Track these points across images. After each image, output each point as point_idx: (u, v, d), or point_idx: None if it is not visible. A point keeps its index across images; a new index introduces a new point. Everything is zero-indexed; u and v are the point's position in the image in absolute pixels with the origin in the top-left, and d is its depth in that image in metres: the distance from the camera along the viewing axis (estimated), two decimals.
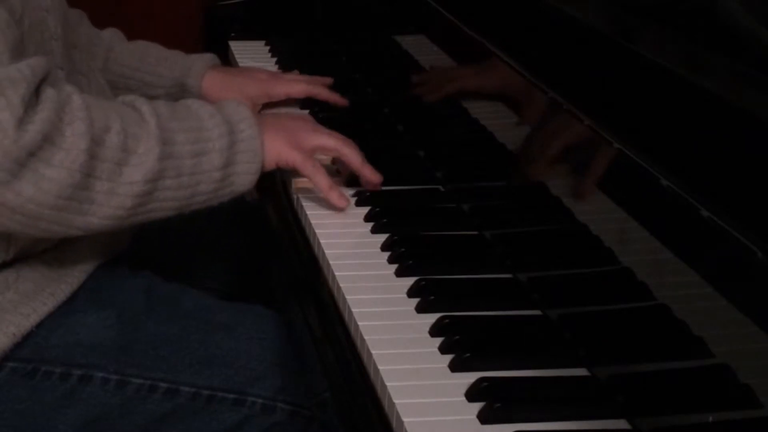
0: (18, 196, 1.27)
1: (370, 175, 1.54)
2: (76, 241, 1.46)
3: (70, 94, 1.32)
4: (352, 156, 1.54)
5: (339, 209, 1.50)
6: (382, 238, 1.43)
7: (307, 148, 1.52)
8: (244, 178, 1.45)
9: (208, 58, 1.85)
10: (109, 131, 1.33)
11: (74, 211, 1.32)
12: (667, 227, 1.05)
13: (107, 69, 1.80)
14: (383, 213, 1.48)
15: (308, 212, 1.50)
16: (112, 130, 1.34)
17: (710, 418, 0.98)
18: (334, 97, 1.85)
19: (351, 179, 1.57)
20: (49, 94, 1.30)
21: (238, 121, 1.46)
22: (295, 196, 1.56)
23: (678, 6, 1.24)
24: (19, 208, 1.29)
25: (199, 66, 1.81)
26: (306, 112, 1.83)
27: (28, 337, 1.42)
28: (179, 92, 1.81)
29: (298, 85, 1.86)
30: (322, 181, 1.51)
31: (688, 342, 1.01)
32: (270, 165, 1.49)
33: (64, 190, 1.29)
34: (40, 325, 1.43)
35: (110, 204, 1.34)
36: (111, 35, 1.84)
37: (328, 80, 1.89)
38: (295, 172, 1.54)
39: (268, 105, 1.86)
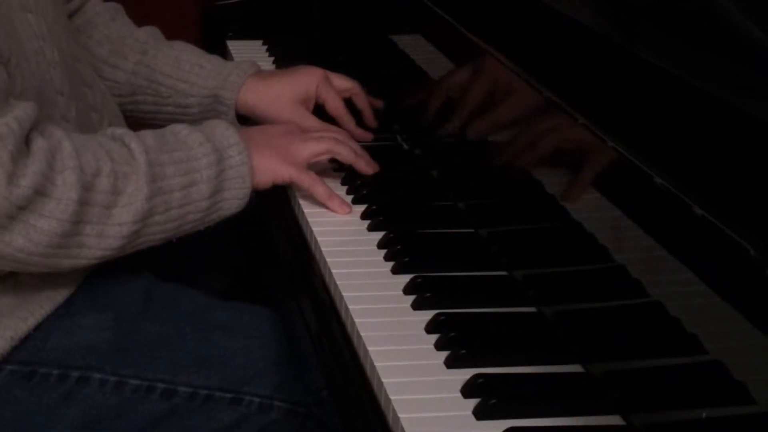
0: (7, 246, 1.28)
1: (365, 167, 1.55)
2: None
3: (60, 140, 1.32)
4: (345, 152, 1.54)
5: (342, 214, 1.51)
6: (379, 235, 1.43)
7: (301, 161, 1.52)
8: (231, 203, 1.45)
9: (247, 66, 1.74)
10: (99, 175, 1.33)
11: (63, 256, 1.33)
12: (661, 225, 1.06)
13: (137, 72, 1.73)
14: (379, 211, 1.49)
15: (305, 210, 1.51)
16: (102, 173, 1.33)
17: (704, 415, 0.99)
18: (356, 133, 1.70)
19: (347, 177, 1.58)
20: (39, 144, 1.29)
21: (227, 147, 1.45)
22: (292, 195, 1.56)
23: (672, 6, 1.24)
24: (8, 256, 1.30)
25: (236, 76, 1.71)
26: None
27: (26, 340, 1.42)
28: (213, 103, 1.72)
29: (335, 102, 1.71)
30: (321, 191, 1.51)
31: (681, 339, 1.01)
32: (265, 185, 1.50)
33: (54, 239, 1.30)
34: (37, 328, 1.43)
35: (99, 246, 1.35)
36: (147, 35, 1.77)
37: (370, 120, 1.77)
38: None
39: None
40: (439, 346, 1.20)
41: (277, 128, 1.59)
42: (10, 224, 1.27)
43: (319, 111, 1.76)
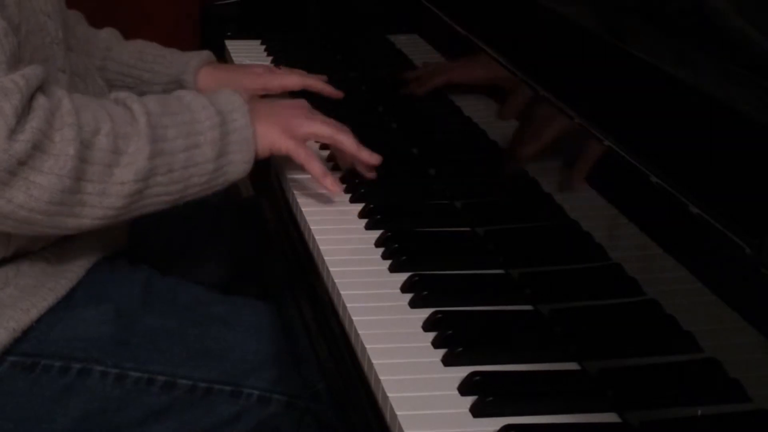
0: (9, 203, 1.29)
1: (368, 158, 1.54)
2: (74, 237, 1.47)
3: (60, 99, 1.33)
4: (348, 142, 1.54)
5: (333, 193, 1.52)
6: (376, 234, 1.44)
7: (300, 135, 1.52)
8: (237, 167, 1.46)
9: (205, 55, 1.85)
10: (98, 133, 1.34)
11: (66, 214, 1.33)
12: (657, 223, 1.06)
13: (105, 68, 1.80)
14: (377, 209, 1.49)
15: (303, 208, 1.51)
16: (102, 132, 1.35)
17: (699, 412, 0.99)
18: (328, 89, 1.85)
19: (346, 175, 1.59)
20: (40, 101, 1.31)
21: (231, 111, 1.46)
22: (290, 193, 1.57)
23: (667, 5, 1.25)
24: (11, 214, 1.30)
25: (195, 63, 1.82)
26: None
27: (27, 332, 1.43)
28: (175, 89, 1.76)
29: (292, 77, 1.85)
30: (315, 167, 1.51)
31: (677, 336, 1.02)
32: (264, 153, 1.50)
33: (55, 195, 1.30)
34: (39, 320, 1.44)
35: (102, 205, 1.35)
36: (109, 35, 1.85)
37: (323, 77, 1.88)
38: (290, 166, 1.55)
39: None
40: (436, 344, 1.20)
41: (285, 101, 1.64)
42: (11, 180, 1.28)
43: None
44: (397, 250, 1.39)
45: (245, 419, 1.48)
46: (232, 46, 2.23)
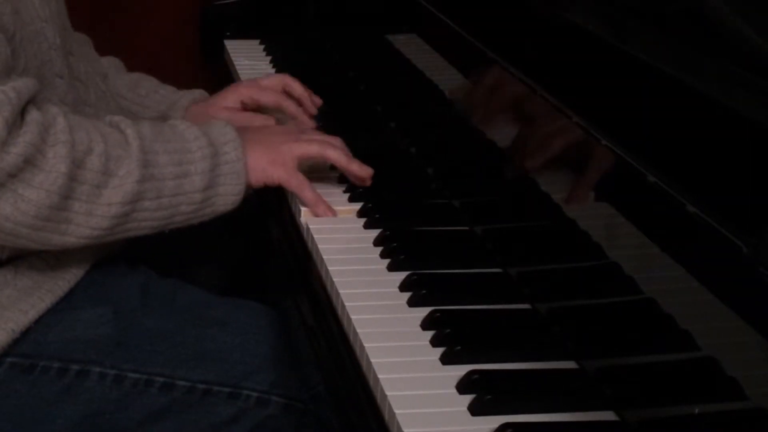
0: None
1: (358, 171, 1.54)
2: None
3: (55, 116, 1.34)
4: (337, 157, 1.54)
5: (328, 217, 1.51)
6: (375, 233, 1.44)
7: (291, 160, 1.51)
8: (225, 199, 1.46)
9: (197, 94, 1.80)
10: (90, 153, 1.35)
11: (51, 231, 1.34)
12: (655, 223, 1.07)
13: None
14: (376, 208, 1.49)
15: (302, 207, 1.51)
16: (94, 153, 1.35)
17: (696, 410, 0.99)
18: (300, 114, 1.74)
19: (344, 175, 1.59)
20: (34, 116, 1.31)
21: (223, 144, 1.46)
22: (289, 192, 1.57)
23: (666, 6, 1.25)
24: None
25: (184, 102, 1.76)
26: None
27: (26, 333, 1.43)
28: None
29: (271, 95, 1.76)
30: (308, 195, 1.51)
31: (674, 335, 1.02)
32: (257, 184, 1.50)
33: (42, 210, 1.31)
34: (38, 321, 1.44)
35: (88, 224, 1.36)
36: (109, 63, 1.81)
37: (312, 98, 1.79)
38: None
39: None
40: (434, 342, 1.20)
41: (274, 128, 1.63)
42: (0, 191, 1.28)
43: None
44: (395, 249, 1.39)
45: (244, 421, 1.48)
46: (232, 46, 2.23)
